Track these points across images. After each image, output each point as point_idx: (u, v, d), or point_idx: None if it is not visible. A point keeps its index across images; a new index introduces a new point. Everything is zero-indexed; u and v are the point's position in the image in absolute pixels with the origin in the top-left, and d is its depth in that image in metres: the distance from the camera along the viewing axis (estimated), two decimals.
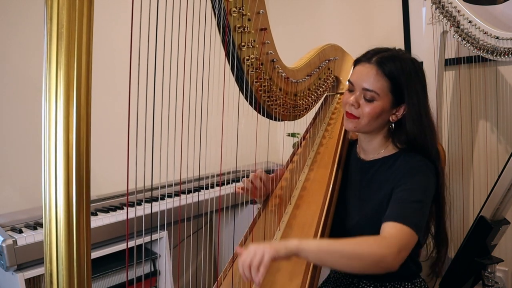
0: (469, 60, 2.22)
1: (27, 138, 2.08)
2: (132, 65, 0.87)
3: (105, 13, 2.23)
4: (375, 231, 1.28)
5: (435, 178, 1.34)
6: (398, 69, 1.31)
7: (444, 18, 2.02)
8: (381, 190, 1.35)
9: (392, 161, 1.38)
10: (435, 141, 1.37)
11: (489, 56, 1.90)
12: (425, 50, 2.15)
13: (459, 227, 2.23)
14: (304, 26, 3.04)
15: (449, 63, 2.23)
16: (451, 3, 1.98)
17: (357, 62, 1.40)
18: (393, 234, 1.18)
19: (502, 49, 1.85)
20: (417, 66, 1.36)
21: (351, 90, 1.39)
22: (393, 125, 1.37)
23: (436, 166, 1.35)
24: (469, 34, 1.95)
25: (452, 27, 1.99)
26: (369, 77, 1.33)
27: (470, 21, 1.94)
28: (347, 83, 1.41)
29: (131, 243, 1.77)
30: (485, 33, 1.89)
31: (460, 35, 1.97)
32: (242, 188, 1.52)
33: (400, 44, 2.54)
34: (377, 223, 1.29)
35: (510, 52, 1.82)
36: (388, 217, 1.23)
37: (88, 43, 0.71)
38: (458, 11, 1.97)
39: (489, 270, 1.93)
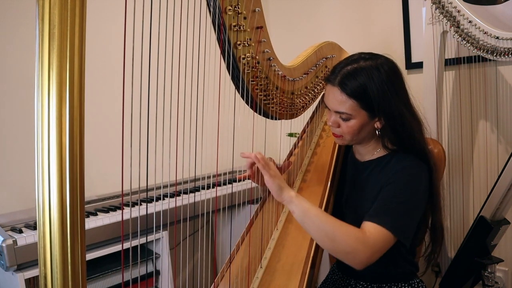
0: (469, 60, 2.22)
1: (24, 138, 2.08)
2: (126, 64, 0.86)
3: (98, 12, 2.23)
4: None
5: (427, 176, 1.33)
6: (360, 85, 1.28)
7: (444, 18, 2.01)
8: (374, 192, 1.35)
9: (386, 161, 1.38)
10: (420, 140, 1.35)
11: (489, 56, 1.89)
12: (425, 50, 2.15)
13: (459, 227, 2.22)
14: (304, 25, 3.04)
15: (449, 63, 2.23)
16: (451, 3, 1.97)
17: (326, 81, 1.39)
18: (373, 234, 1.21)
19: (502, 49, 1.84)
20: (384, 71, 1.30)
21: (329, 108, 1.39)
22: (378, 131, 1.36)
23: (428, 162, 1.34)
24: (469, 34, 1.94)
25: (452, 27, 1.98)
26: (336, 100, 1.32)
27: (470, 21, 1.93)
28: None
29: (131, 243, 1.77)
30: (485, 33, 1.89)
31: (460, 35, 1.96)
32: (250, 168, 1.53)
33: (400, 44, 2.53)
34: None
35: (510, 52, 1.82)
36: (371, 216, 1.25)
37: (80, 43, 0.71)
38: (458, 11, 1.96)
39: (489, 270, 1.93)
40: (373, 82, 1.28)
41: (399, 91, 1.33)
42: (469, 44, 1.95)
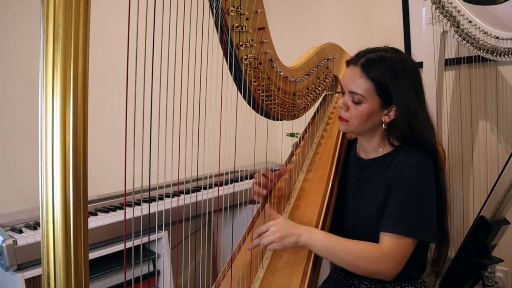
0: (469, 60, 2.22)
1: (27, 138, 2.08)
2: (130, 64, 0.86)
3: (102, 12, 2.23)
4: (374, 231, 1.29)
5: (434, 174, 1.33)
6: (383, 71, 1.30)
7: (444, 18, 2.01)
8: (380, 190, 1.35)
9: (391, 159, 1.37)
10: (431, 138, 1.35)
11: (489, 56, 1.90)
12: (425, 50, 2.15)
13: (459, 227, 2.23)
14: (304, 26, 3.04)
15: (449, 63, 2.23)
16: (451, 3, 1.98)
17: (347, 63, 1.41)
18: (391, 248, 1.23)
19: (502, 49, 1.85)
20: (407, 66, 1.33)
21: (343, 92, 1.40)
22: (384, 125, 1.37)
23: (435, 160, 1.35)
24: (469, 34, 1.95)
25: (452, 27, 1.99)
26: (354, 80, 1.33)
27: (470, 21, 1.93)
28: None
29: (131, 243, 1.77)
30: (485, 33, 1.89)
31: (460, 35, 1.97)
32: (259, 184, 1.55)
33: (400, 44, 2.53)
34: (376, 223, 1.30)
35: (510, 52, 1.82)
36: (386, 226, 1.26)
37: (84, 43, 0.71)
38: (458, 11, 1.96)
39: (489, 270, 1.93)
40: (396, 74, 1.30)
41: (418, 90, 1.35)
42: (469, 44, 1.95)
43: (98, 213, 1.96)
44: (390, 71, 1.30)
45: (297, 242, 1.26)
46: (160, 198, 2.12)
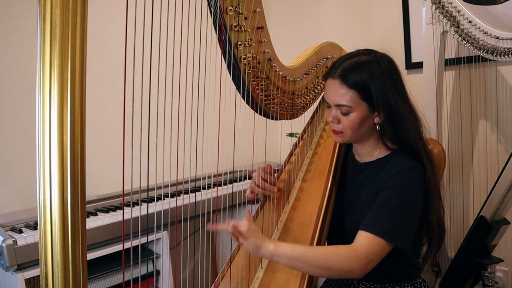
0: (469, 60, 2.22)
1: (27, 138, 2.08)
2: (127, 64, 0.86)
3: (99, 12, 2.23)
4: None
5: (422, 177, 1.32)
6: (362, 77, 1.30)
7: (444, 18, 2.01)
8: (372, 194, 1.34)
9: (384, 163, 1.37)
10: (416, 136, 1.35)
11: (489, 56, 1.89)
12: (425, 50, 2.15)
13: (459, 227, 2.22)
14: (304, 26, 3.04)
15: (449, 63, 2.23)
16: (451, 3, 1.98)
17: (325, 77, 1.40)
18: (365, 246, 1.21)
19: (502, 49, 1.84)
20: (383, 64, 1.33)
21: (329, 106, 1.39)
22: (378, 127, 1.36)
23: (423, 162, 1.33)
24: (469, 34, 1.94)
25: (452, 27, 1.99)
26: (336, 93, 1.33)
27: (470, 21, 1.93)
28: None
29: (130, 243, 1.77)
30: (485, 33, 1.89)
31: (460, 35, 1.96)
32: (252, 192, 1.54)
33: (400, 44, 2.53)
34: None
35: (510, 52, 1.82)
36: (364, 225, 1.26)
37: (82, 43, 0.71)
38: (458, 11, 1.96)
39: (489, 270, 1.93)
40: (374, 75, 1.30)
41: (398, 85, 1.34)
42: (469, 44, 1.95)
43: (98, 213, 1.96)
44: (368, 74, 1.30)
45: (260, 247, 1.18)
46: (159, 198, 2.12)
